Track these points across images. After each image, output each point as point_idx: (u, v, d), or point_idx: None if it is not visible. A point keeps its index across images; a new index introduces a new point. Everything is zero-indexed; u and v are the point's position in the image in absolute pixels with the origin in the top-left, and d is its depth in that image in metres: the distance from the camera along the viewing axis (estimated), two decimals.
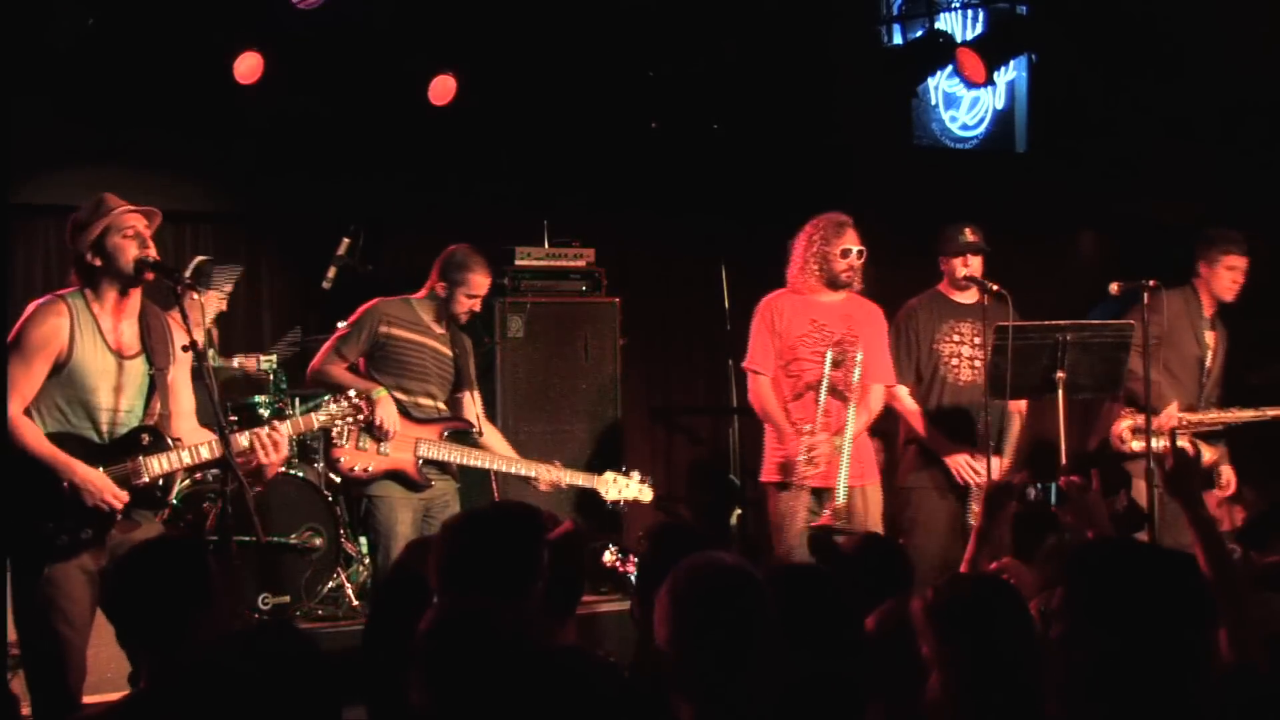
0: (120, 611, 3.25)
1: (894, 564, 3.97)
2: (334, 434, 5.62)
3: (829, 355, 5.79)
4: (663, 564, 2.95)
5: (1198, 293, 6.49)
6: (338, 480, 6.51)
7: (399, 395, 5.68)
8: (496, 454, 5.87)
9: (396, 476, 5.65)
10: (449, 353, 5.83)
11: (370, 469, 5.62)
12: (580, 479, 5.94)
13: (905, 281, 6.55)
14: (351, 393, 5.01)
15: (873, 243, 6.07)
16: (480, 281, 5.77)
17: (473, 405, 5.90)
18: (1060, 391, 5.75)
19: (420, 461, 5.66)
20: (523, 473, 5.85)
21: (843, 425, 5.78)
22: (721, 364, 8.61)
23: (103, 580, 4.24)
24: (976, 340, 6.14)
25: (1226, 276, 6.44)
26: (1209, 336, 6.52)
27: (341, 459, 5.63)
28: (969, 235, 6.18)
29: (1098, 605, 2.50)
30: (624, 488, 5.97)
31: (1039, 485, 5.84)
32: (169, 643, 3.14)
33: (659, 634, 2.63)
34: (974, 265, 6.16)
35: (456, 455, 5.73)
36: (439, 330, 5.82)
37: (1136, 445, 6.21)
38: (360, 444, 5.63)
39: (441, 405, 5.84)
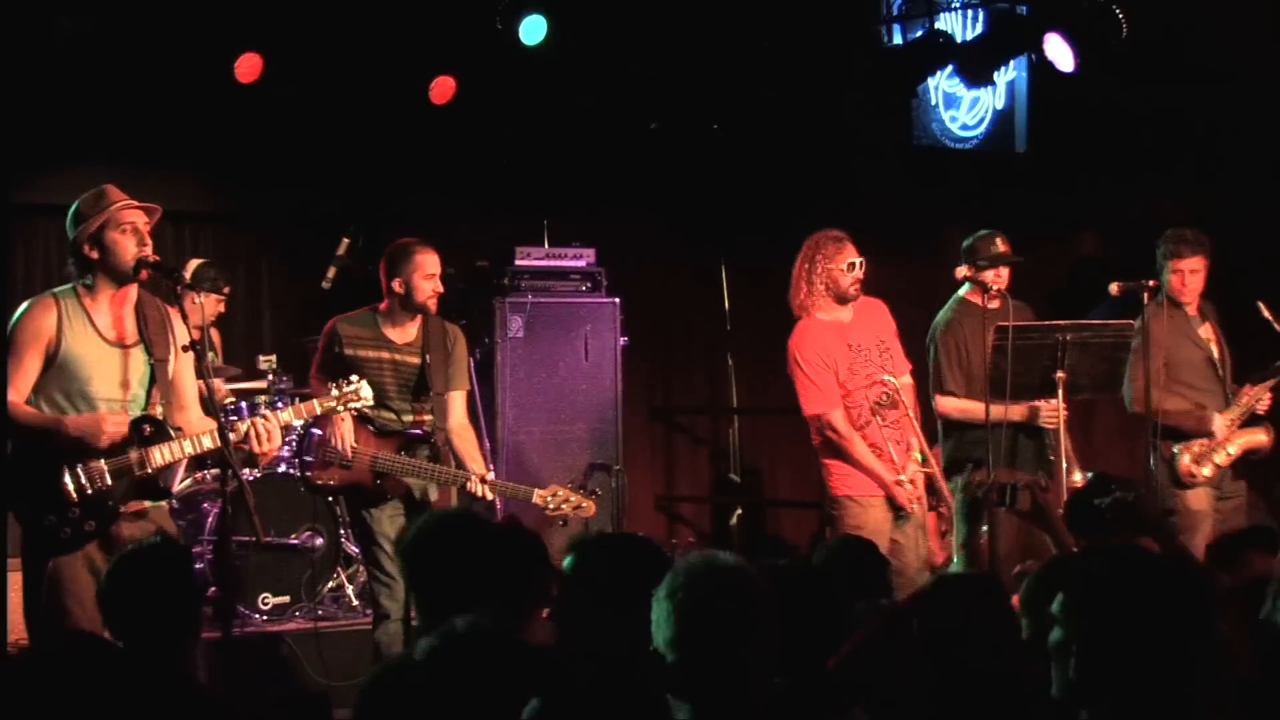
0: (108, 619, 3.28)
1: (871, 567, 4.00)
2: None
3: (877, 402, 5.88)
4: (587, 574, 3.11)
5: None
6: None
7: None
8: (462, 458, 5.68)
9: (355, 488, 5.63)
10: (414, 361, 5.66)
11: (332, 482, 5.64)
12: (521, 491, 5.75)
13: (904, 282, 6.54)
14: (354, 377, 5.11)
15: (872, 243, 6.06)
16: (428, 259, 5.60)
17: (450, 409, 5.73)
18: (1060, 391, 5.75)
19: (375, 474, 5.59)
20: (452, 481, 5.62)
21: (908, 436, 5.93)
22: (721, 364, 8.62)
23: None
24: None
25: (1174, 280, 6.28)
26: (1204, 331, 6.41)
27: (309, 473, 5.69)
28: (1000, 245, 6.06)
29: (1090, 615, 2.40)
30: (563, 503, 5.69)
31: (1042, 486, 5.85)
32: (157, 646, 3.17)
33: (656, 635, 2.63)
34: (1004, 275, 6.09)
35: (407, 469, 5.57)
36: (404, 340, 5.67)
37: (1206, 472, 6.20)
38: (325, 458, 5.64)
39: (407, 416, 5.68)
